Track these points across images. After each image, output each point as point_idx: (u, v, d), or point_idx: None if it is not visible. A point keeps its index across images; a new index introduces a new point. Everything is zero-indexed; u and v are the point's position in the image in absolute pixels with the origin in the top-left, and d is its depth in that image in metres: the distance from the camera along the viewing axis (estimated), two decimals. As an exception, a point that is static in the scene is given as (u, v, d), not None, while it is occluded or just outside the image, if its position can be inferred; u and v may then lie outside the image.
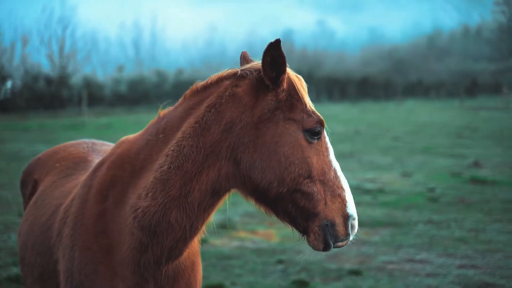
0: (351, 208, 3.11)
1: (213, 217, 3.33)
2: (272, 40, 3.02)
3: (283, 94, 3.12)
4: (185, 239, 3.19)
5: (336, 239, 3.09)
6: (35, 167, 4.60)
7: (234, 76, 3.19)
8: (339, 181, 3.13)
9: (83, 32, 71.15)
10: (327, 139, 3.21)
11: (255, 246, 9.78)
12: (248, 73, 3.16)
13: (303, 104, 3.14)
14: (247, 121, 3.08)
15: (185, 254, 3.31)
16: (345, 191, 3.13)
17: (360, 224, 3.30)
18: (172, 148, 3.15)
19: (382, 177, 16.82)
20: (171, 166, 3.11)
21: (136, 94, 63.98)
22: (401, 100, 72.29)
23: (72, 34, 67.84)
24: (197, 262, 3.54)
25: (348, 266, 8.68)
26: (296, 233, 3.21)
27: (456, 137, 28.72)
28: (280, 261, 8.90)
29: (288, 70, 3.17)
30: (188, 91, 3.29)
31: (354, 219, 3.13)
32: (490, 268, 8.49)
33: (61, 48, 65.07)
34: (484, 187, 15.04)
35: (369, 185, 15.41)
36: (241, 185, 3.14)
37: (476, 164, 19.01)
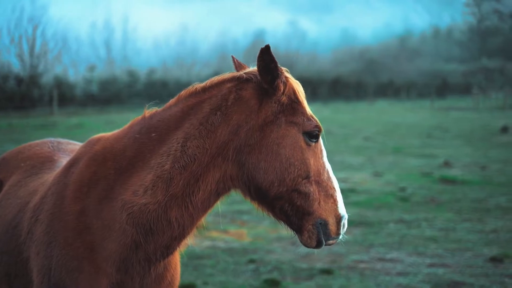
0: (342, 209, 3.29)
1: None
2: (262, 46, 3.11)
3: (284, 97, 3.22)
4: (182, 237, 3.25)
5: (328, 238, 3.23)
6: (0, 167, 4.52)
7: (238, 79, 3.25)
8: (332, 182, 3.33)
9: (54, 31, 69.97)
10: (321, 142, 3.34)
11: (227, 246, 9.76)
12: (253, 77, 3.23)
13: (303, 108, 3.27)
14: (253, 124, 3.17)
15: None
16: (337, 191, 3.32)
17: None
18: (174, 148, 3.17)
19: (354, 177, 16.90)
20: (174, 166, 3.15)
21: (108, 94, 63.35)
22: (372, 101, 72.67)
23: (42, 34, 66.91)
24: (178, 261, 3.62)
25: (319, 265, 8.69)
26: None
27: (427, 137, 28.98)
28: (251, 261, 8.89)
29: (289, 76, 3.29)
30: (183, 92, 3.33)
31: (345, 219, 3.29)
32: (459, 267, 8.57)
33: (32, 48, 64.18)
34: (454, 186, 15.19)
35: (340, 185, 15.27)
36: (243, 185, 3.22)
37: (446, 164, 19.20)
